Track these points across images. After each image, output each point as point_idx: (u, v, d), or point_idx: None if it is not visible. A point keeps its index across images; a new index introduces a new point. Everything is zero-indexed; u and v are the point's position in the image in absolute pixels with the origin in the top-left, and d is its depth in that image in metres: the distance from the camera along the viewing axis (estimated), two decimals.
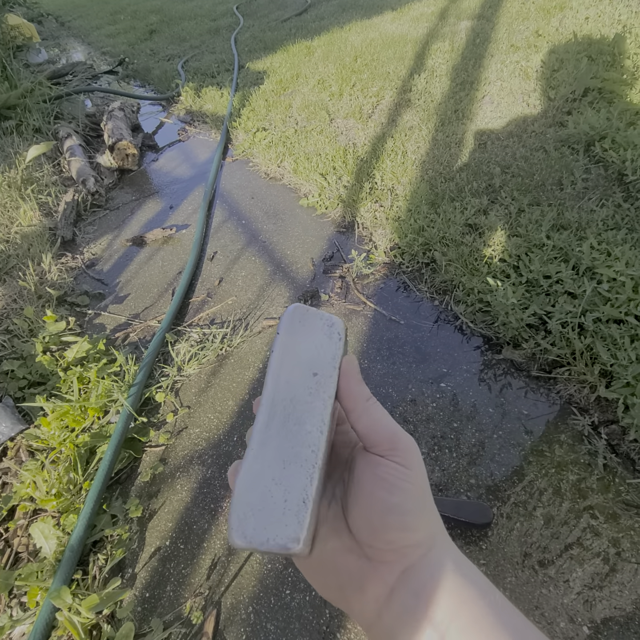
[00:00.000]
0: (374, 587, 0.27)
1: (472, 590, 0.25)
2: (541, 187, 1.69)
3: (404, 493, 0.26)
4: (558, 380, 1.23)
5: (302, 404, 0.28)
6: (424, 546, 0.27)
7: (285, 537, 0.24)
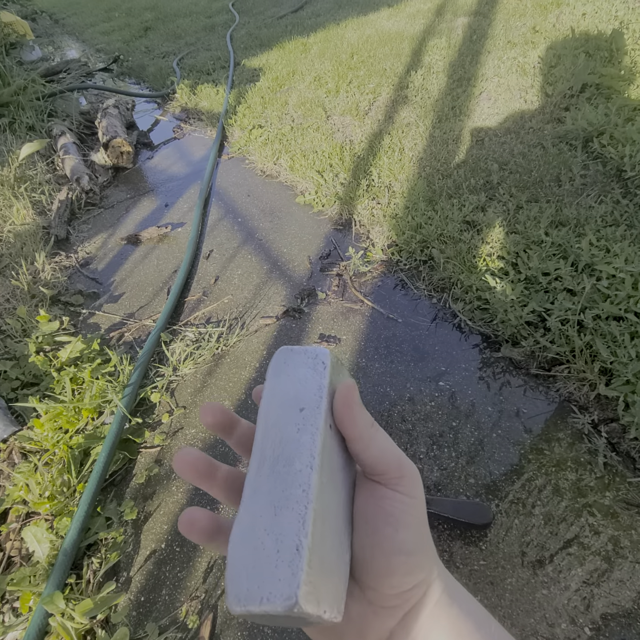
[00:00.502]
0: (374, 632, 0.25)
1: (469, 622, 0.25)
2: (539, 184, 1.68)
3: (409, 529, 0.25)
4: (557, 378, 1.22)
5: (290, 443, 0.25)
6: (424, 585, 0.25)
7: (279, 595, 0.21)
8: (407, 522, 0.25)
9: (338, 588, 0.23)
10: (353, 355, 1.38)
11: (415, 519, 0.25)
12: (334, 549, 0.24)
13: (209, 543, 0.26)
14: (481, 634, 0.25)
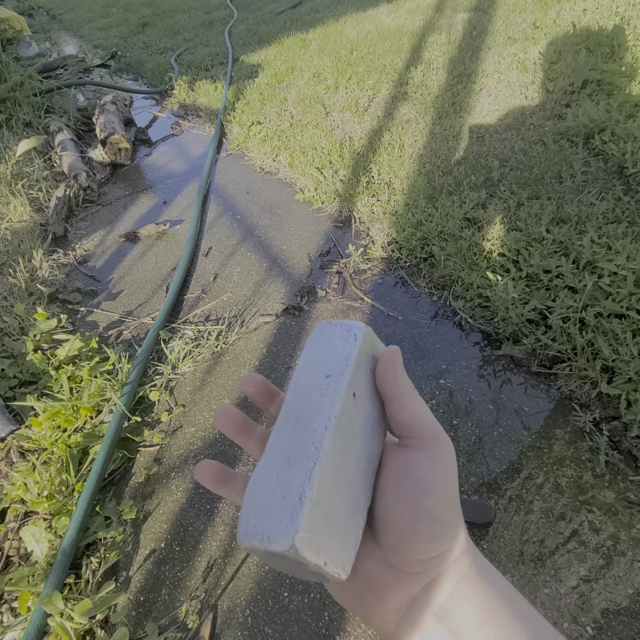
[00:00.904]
0: (394, 598, 0.25)
1: (499, 600, 0.24)
2: (540, 181, 1.67)
3: (438, 497, 0.25)
4: (559, 376, 1.22)
5: (312, 405, 0.27)
6: (451, 557, 0.25)
7: (278, 535, 0.22)
8: (436, 489, 0.25)
9: (344, 547, 0.24)
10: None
11: (446, 488, 0.25)
12: (343, 509, 0.25)
13: (220, 488, 0.29)
14: (511, 611, 0.24)
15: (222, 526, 1.03)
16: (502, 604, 0.24)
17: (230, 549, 0.99)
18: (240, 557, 0.98)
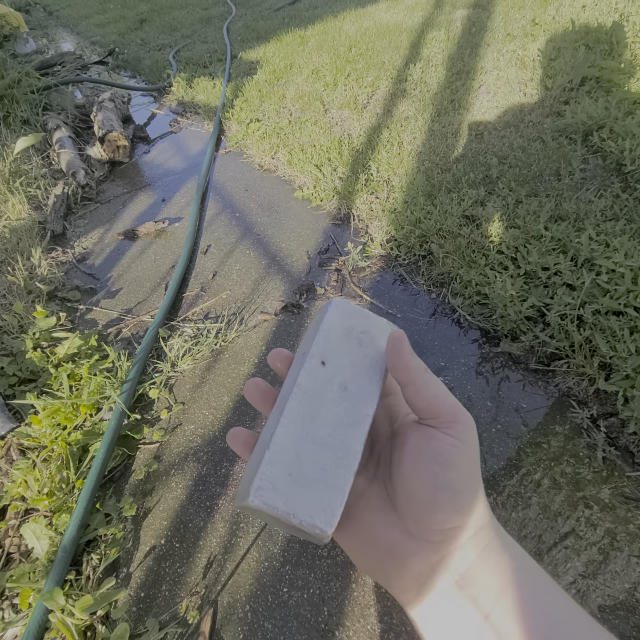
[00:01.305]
0: (415, 565, 0.26)
1: (521, 573, 0.25)
2: (539, 178, 1.67)
3: (457, 470, 0.25)
4: (557, 373, 1.22)
5: (290, 379, 0.30)
6: (471, 528, 0.25)
7: (247, 491, 0.25)
8: (455, 462, 0.25)
9: (323, 503, 0.25)
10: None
11: (465, 461, 0.26)
12: (314, 467, 0.26)
13: (249, 455, 0.30)
14: (533, 583, 0.24)
15: (222, 523, 1.04)
16: (524, 576, 0.25)
17: (230, 546, 1.00)
18: (240, 553, 0.99)
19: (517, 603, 0.24)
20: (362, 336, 0.30)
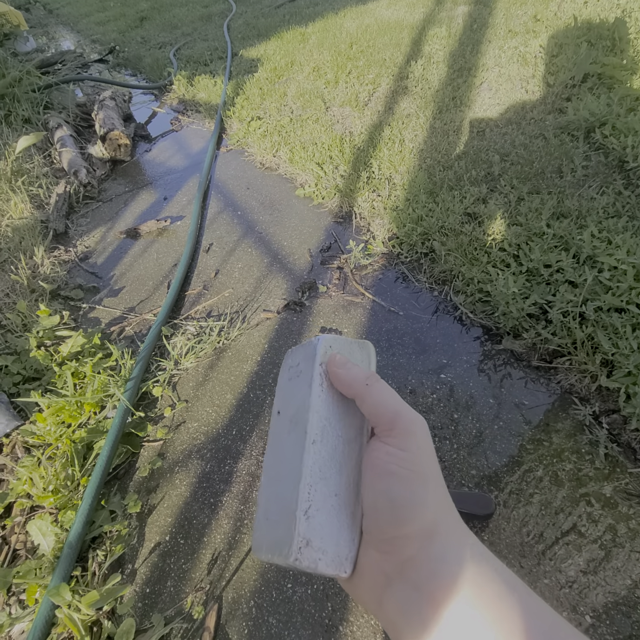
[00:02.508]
0: (370, 574, 0.26)
1: (493, 585, 0.23)
2: (541, 175, 1.67)
3: (393, 479, 0.25)
4: (559, 370, 1.23)
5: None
6: (420, 538, 0.25)
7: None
8: (393, 472, 0.26)
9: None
10: None
11: (406, 472, 0.25)
12: (282, 500, 0.28)
13: None
14: (512, 597, 0.23)
15: (226, 519, 1.04)
16: (501, 589, 0.23)
17: (234, 542, 1.01)
18: (244, 549, 0.99)
19: (491, 615, 0.22)
20: (292, 371, 0.33)
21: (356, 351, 0.33)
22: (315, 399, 0.30)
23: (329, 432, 0.29)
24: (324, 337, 0.32)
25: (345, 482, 0.28)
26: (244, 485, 1.10)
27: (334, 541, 0.27)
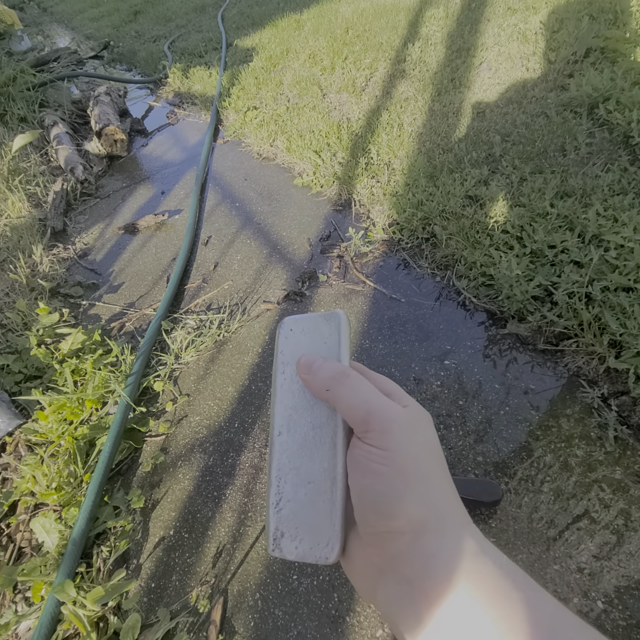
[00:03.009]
0: (363, 565, 0.26)
1: (494, 581, 0.22)
2: (543, 154, 1.62)
3: (376, 476, 0.25)
4: (565, 353, 1.20)
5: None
6: (408, 534, 0.24)
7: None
8: (374, 470, 0.25)
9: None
10: (356, 337, 1.36)
11: (388, 469, 0.25)
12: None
13: None
14: (514, 594, 0.22)
15: (230, 512, 1.03)
16: (502, 588, 0.22)
17: (238, 535, 1.00)
18: (249, 542, 0.98)
19: (488, 611, 0.21)
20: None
21: (322, 326, 0.30)
22: (279, 389, 0.29)
23: (297, 421, 0.28)
24: (285, 321, 0.31)
25: (320, 469, 0.27)
26: (247, 478, 1.09)
27: (311, 529, 0.26)
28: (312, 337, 0.30)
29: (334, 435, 0.28)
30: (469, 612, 0.21)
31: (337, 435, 0.28)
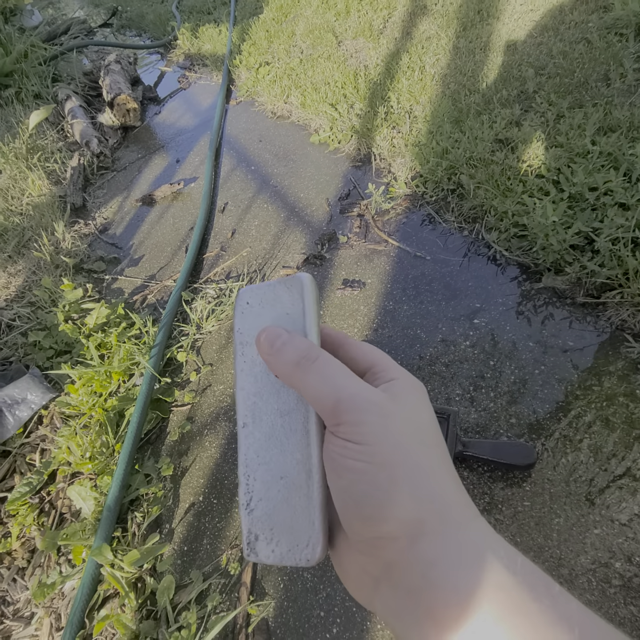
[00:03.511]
0: (356, 575, 0.23)
1: (511, 593, 0.18)
2: (583, 86, 1.45)
3: (355, 475, 0.21)
4: (608, 306, 1.10)
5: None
6: (402, 539, 0.20)
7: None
8: (351, 468, 0.21)
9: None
10: (379, 298, 1.30)
11: (366, 465, 0.21)
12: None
13: None
14: (530, 604, 0.18)
15: None
16: (517, 596, 0.18)
17: None
18: None
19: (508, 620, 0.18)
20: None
21: (283, 295, 0.25)
22: (239, 374, 0.25)
23: (262, 409, 0.24)
24: (239, 295, 0.26)
25: (292, 461, 0.24)
26: None
27: (288, 530, 0.23)
28: (273, 308, 0.25)
29: (305, 421, 0.24)
30: (480, 631, 0.17)
31: (309, 421, 0.24)
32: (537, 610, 0.17)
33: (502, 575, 0.18)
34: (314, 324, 0.25)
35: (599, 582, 0.78)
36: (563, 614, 0.17)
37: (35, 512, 1.07)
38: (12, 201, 1.97)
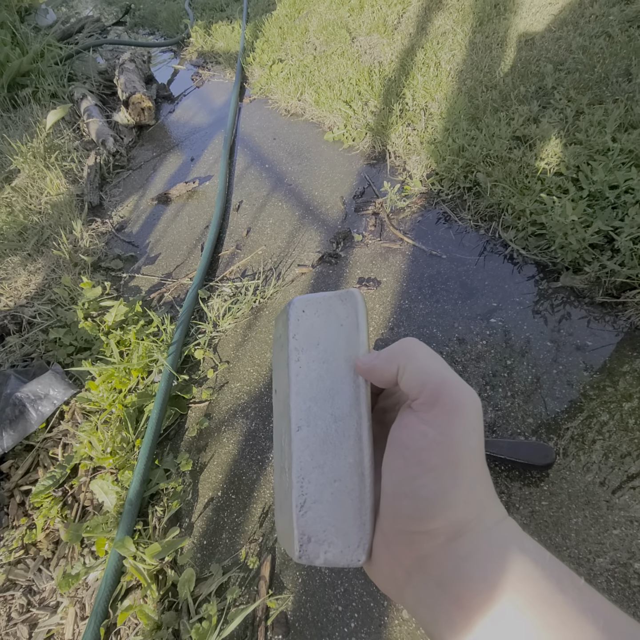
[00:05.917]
0: (388, 566, 0.23)
1: (538, 587, 0.19)
2: (604, 81, 1.43)
3: (423, 468, 0.21)
4: (628, 305, 1.09)
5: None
6: (441, 537, 0.20)
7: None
8: (422, 458, 0.21)
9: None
10: (395, 297, 1.31)
11: (440, 461, 0.21)
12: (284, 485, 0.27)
13: None
14: (556, 597, 0.19)
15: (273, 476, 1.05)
16: (545, 590, 0.19)
17: None
18: None
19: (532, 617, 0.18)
20: (277, 343, 0.30)
21: (338, 307, 0.27)
22: (294, 379, 0.25)
23: (317, 413, 0.25)
24: (295, 302, 0.27)
25: (345, 464, 0.25)
26: None
27: (340, 531, 0.24)
28: (327, 318, 0.27)
29: (358, 427, 0.25)
30: (508, 621, 0.18)
31: (362, 427, 0.25)
32: (562, 601, 0.17)
33: (529, 567, 0.19)
34: (366, 337, 0.26)
35: (618, 582, 0.78)
36: (588, 606, 0.17)
37: (59, 505, 1.10)
38: (30, 200, 2.00)
